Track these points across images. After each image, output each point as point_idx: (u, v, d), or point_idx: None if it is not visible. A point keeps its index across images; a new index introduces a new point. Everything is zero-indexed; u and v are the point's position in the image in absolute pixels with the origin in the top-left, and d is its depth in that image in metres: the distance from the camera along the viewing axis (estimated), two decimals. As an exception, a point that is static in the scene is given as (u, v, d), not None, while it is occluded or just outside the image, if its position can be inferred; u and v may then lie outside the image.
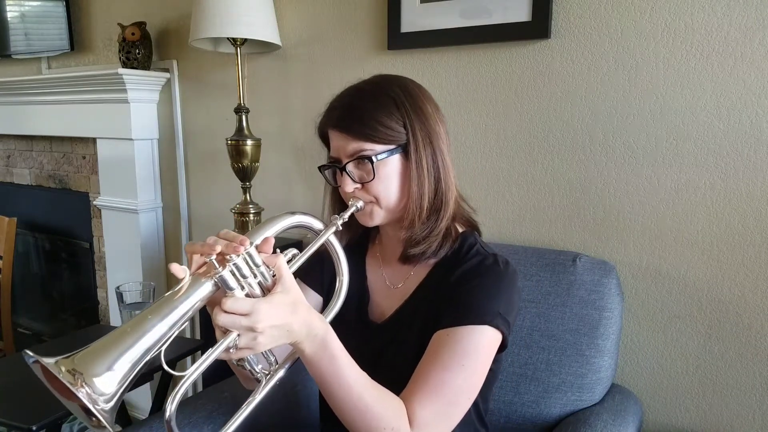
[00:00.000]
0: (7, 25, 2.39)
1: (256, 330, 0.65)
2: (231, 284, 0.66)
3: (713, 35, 1.16)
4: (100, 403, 0.57)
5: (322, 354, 0.72)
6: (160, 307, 0.65)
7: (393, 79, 0.90)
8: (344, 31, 1.63)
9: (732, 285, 1.20)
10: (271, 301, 0.67)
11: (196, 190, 2.08)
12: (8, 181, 2.68)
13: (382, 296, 0.97)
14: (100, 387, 0.58)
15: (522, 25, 1.33)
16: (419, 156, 0.85)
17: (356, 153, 0.84)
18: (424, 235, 0.87)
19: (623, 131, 1.27)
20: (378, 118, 0.84)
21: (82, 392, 0.57)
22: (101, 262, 2.35)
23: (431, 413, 0.77)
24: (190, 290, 0.66)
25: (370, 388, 0.75)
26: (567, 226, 1.36)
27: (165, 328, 0.64)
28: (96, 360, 0.60)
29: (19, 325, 2.71)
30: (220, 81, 1.91)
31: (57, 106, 2.24)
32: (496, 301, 0.83)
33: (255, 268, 0.68)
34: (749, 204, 1.16)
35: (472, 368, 0.80)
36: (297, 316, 0.69)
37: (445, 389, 0.78)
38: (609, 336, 1.17)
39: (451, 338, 0.81)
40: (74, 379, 0.57)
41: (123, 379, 0.60)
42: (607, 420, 1.10)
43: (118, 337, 0.62)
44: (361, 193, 0.87)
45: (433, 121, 0.87)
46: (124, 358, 0.61)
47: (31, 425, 1.15)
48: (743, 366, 1.20)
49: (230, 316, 0.65)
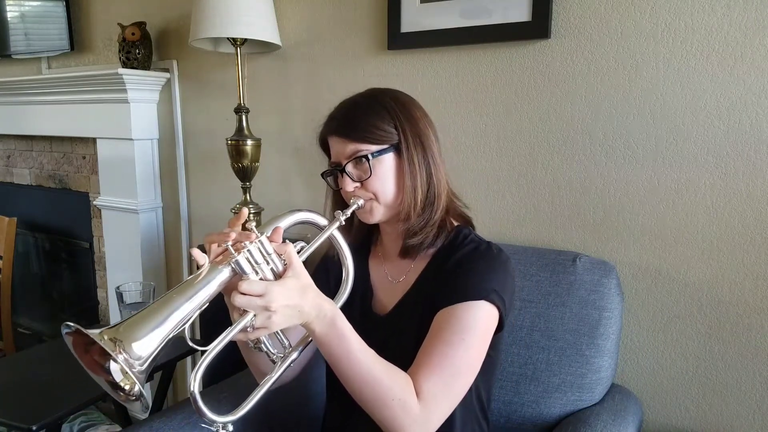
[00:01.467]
0: (7, 25, 2.39)
1: (270, 309, 0.72)
2: (246, 269, 0.73)
3: (713, 35, 1.16)
4: (136, 367, 0.65)
5: (332, 333, 0.78)
6: (184, 289, 0.71)
7: (385, 91, 0.98)
8: (344, 31, 1.63)
9: (732, 285, 1.20)
10: (283, 284, 0.74)
11: (196, 190, 2.08)
12: (8, 181, 2.68)
13: (385, 291, 1.02)
14: (137, 351, 0.65)
15: (522, 25, 1.33)
16: (410, 153, 0.93)
17: (354, 154, 0.92)
18: (421, 225, 0.94)
19: (623, 131, 1.27)
20: (372, 121, 0.92)
21: (121, 357, 0.64)
22: (101, 262, 2.35)
23: (436, 385, 0.82)
24: (209, 275, 0.73)
25: (378, 363, 0.80)
26: (567, 226, 1.36)
27: (189, 309, 0.70)
28: (134, 330, 0.67)
29: (19, 325, 2.71)
30: (220, 81, 1.91)
31: (57, 106, 2.24)
32: (490, 280, 0.89)
33: (267, 255, 0.75)
34: (749, 204, 1.16)
35: (471, 342, 0.85)
36: (307, 298, 0.76)
37: (447, 362, 0.83)
38: (609, 336, 1.17)
39: (451, 315, 0.86)
40: (115, 346, 0.64)
41: (155, 348, 0.67)
42: (607, 420, 1.10)
43: (150, 313, 0.68)
44: (360, 191, 0.94)
45: (422, 124, 0.96)
46: (155, 332, 0.67)
47: (31, 425, 1.15)
48: (743, 366, 1.20)
49: (246, 297, 0.71)
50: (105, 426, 2.03)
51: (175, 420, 1.06)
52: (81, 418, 2.03)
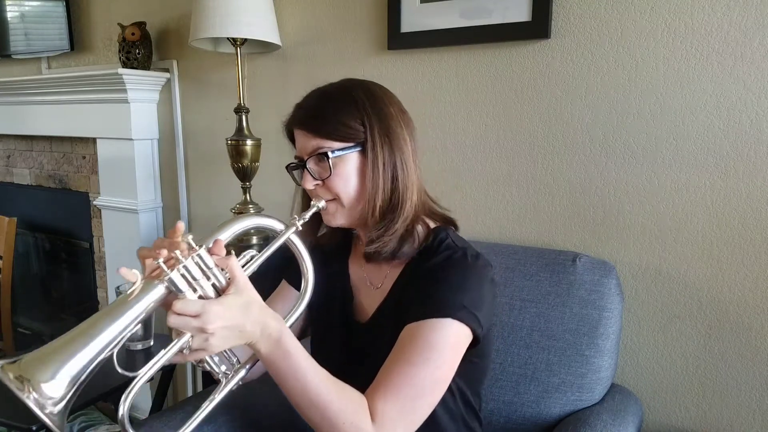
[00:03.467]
0: (7, 25, 2.39)
1: (207, 331, 0.66)
2: (180, 286, 0.67)
3: (713, 35, 1.16)
4: (48, 407, 0.58)
5: (278, 352, 0.73)
6: (112, 310, 0.66)
7: (358, 83, 0.91)
8: (344, 31, 1.63)
9: (732, 285, 1.20)
10: (222, 303, 0.68)
11: (196, 190, 2.08)
12: (8, 181, 2.68)
13: (365, 296, 0.97)
14: (48, 392, 0.58)
15: (522, 25, 1.33)
16: (375, 154, 0.85)
17: (315, 150, 0.86)
18: (378, 234, 0.87)
19: (623, 131, 1.27)
20: (337, 116, 0.86)
21: (30, 398, 0.57)
22: (101, 262, 2.35)
23: (394, 408, 0.76)
24: (141, 293, 0.67)
25: (329, 384, 0.75)
26: (567, 226, 1.36)
27: (116, 331, 0.65)
28: (44, 365, 0.60)
29: (19, 325, 2.71)
30: (220, 81, 1.91)
31: (57, 106, 2.24)
32: (460, 294, 0.82)
33: (207, 270, 0.69)
34: (749, 204, 1.16)
35: (437, 363, 0.79)
36: (249, 316, 0.70)
37: (408, 384, 0.77)
38: (609, 336, 1.17)
39: (416, 332, 0.80)
40: (22, 385, 0.57)
41: (72, 382, 0.60)
42: (607, 420, 1.10)
43: (67, 341, 0.63)
44: (322, 190, 0.88)
45: (394, 122, 0.88)
46: (73, 362, 0.61)
47: (31, 425, 1.15)
48: (743, 366, 1.20)
49: (181, 317, 0.66)
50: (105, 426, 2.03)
51: (175, 420, 1.06)
52: (81, 418, 2.03)
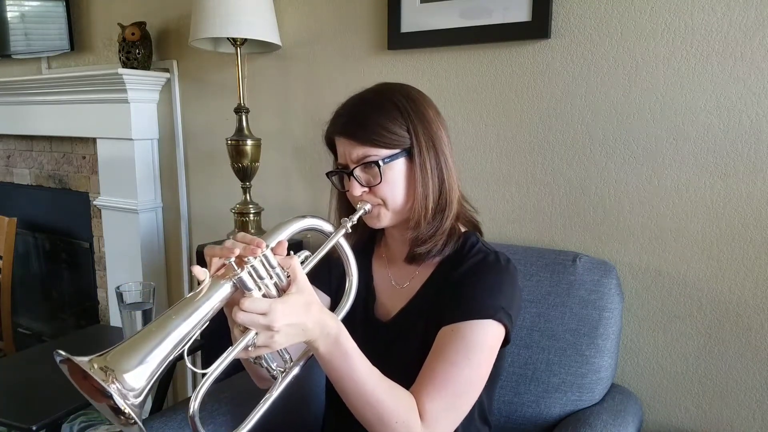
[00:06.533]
0: (7, 25, 2.39)
1: (273, 329, 0.68)
2: (249, 285, 0.69)
3: (713, 35, 1.16)
4: (131, 398, 0.60)
5: (336, 351, 0.75)
6: (183, 308, 0.68)
7: (395, 87, 0.92)
8: (344, 31, 1.63)
9: (732, 285, 1.20)
10: (286, 301, 0.70)
11: (196, 190, 2.08)
12: (8, 181, 2.68)
13: (388, 296, 0.99)
14: (131, 383, 0.61)
15: (522, 25, 1.33)
16: (423, 159, 0.88)
17: (362, 158, 0.87)
18: (430, 234, 0.90)
19: (623, 131, 1.27)
20: (382, 123, 0.86)
21: (113, 388, 0.59)
22: (101, 262, 2.35)
23: (440, 407, 0.80)
24: (210, 291, 0.69)
25: (382, 383, 0.78)
26: (567, 226, 1.36)
27: (188, 328, 0.67)
28: (126, 358, 0.63)
29: (19, 325, 2.71)
30: (220, 81, 1.91)
31: (57, 106, 2.24)
32: (498, 296, 0.86)
33: (271, 269, 0.72)
34: (749, 204, 1.16)
35: (478, 362, 0.83)
36: (311, 315, 0.72)
37: (452, 383, 0.81)
38: (609, 336, 1.17)
39: (457, 333, 0.83)
40: (106, 376, 0.60)
41: (151, 376, 0.63)
42: (607, 420, 1.10)
43: (145, 337, 0.65)
44: (368, 196, 0.89)
45: (435, 125, 0.90)
46: (152, 356, 0.64)
47: (31, 425, 1.15)
48: (743, 366, 1.20)
49: (249, 314, 0.68)
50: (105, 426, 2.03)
51: (175, 420, 1.06)
52: (81, 418, 2.03)
